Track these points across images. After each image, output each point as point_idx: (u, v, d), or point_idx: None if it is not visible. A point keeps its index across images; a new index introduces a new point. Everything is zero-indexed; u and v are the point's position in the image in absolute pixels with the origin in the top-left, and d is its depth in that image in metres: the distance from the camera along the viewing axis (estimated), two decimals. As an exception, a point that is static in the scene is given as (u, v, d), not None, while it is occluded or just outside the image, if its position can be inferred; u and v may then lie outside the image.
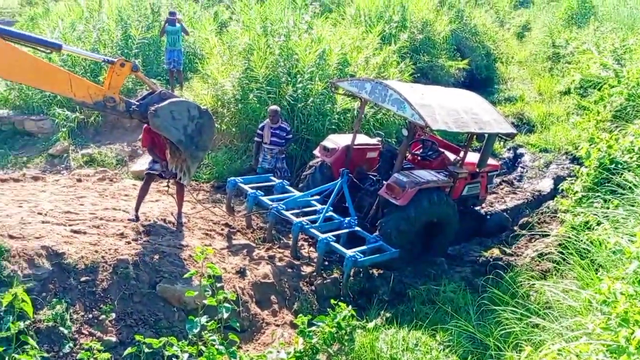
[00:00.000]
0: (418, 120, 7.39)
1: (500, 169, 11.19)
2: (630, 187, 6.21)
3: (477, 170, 8.91)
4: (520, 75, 22.36)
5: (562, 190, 8.90)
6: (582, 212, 6.99)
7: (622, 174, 6.87)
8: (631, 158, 7.21)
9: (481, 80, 19.49)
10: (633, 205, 5.81)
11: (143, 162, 10.27)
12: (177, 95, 8.32)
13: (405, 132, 8.23)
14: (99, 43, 13.67)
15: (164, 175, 7.65)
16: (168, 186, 8.04)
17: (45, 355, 4.98)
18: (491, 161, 9.72)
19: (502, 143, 14.89)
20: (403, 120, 9.80)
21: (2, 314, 4.93)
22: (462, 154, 8.87)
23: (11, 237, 6.10)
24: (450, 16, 17.77)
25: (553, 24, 25.24)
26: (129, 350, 4.78)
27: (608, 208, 6.25)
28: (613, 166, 7.35)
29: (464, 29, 19.49)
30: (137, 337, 4.70)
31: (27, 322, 4.90)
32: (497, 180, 12.06)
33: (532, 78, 21.30)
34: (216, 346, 4.44)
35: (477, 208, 10.14)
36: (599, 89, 13.25)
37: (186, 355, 4.35)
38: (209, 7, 17.88)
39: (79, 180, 9.26)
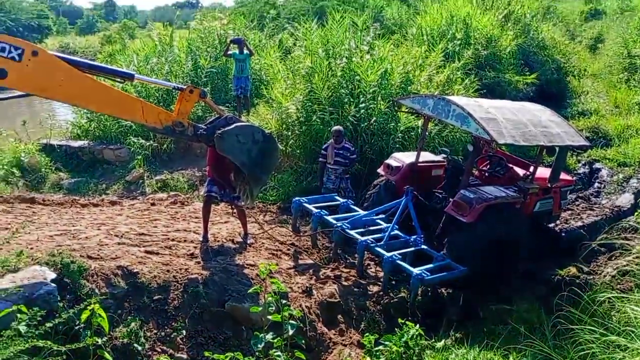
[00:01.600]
0: (483, 135, 7.23)
1: (574, 184, 10.72)
2: None
3: (549, 185, 8.58)
4: (594, 89, 21.47)
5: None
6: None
7: None
8: None
9: (552, 94, 18.84)
10: None
11: (206, 187, 10.62)
12: (242, 119, 8.57)
13: (470, 148, 8.06)
14: (171, 74, 14.36)
15: (221, 199, 7.86)
16: (232, 208, 8.25)
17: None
18: (564, 176, 9.35)
19: (575, 157, 14.34)
20: (468, 135, 9.63)
21: (80, 329, 5.16)
22: (532, 168, 8.57)
23: (90, 257, 6.41)
24: (516, 31, 17.37)
25: (628, 34, 24.20)
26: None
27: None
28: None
29: (531, 43, 18.99)
30: (207, 354, 4.79)
31: (104, 339, 5.10)
32: (571, 196, 11.57)
33: (607, 91, 20.41)
34: (282, 363, 4.47)
35: (551, 225, 9.74)
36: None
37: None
38: (274, 35, 18.42)
39: (153, 204, 9.64)
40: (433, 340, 6.19)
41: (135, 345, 5.64)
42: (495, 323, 6.99)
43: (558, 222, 10.16)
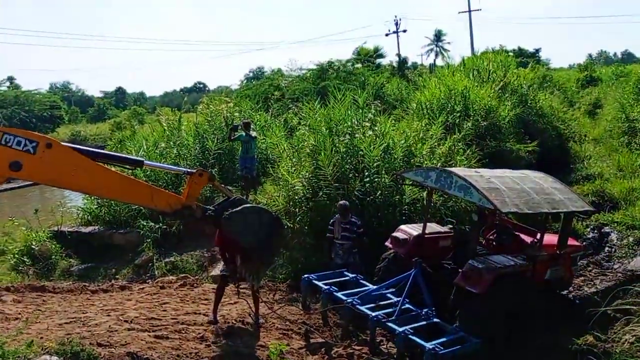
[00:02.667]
0: (487, 205, 7.32)
1: (584, 249, 10.66)
2: None
3: (558, 252, 8.56)
4: (597, 153, 21.70)
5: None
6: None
7: None
8: None
9: (555, 160, 19.03)
10: None
11: (222, 267, 10.64)
12: (249, 201, 8.73)
13: (475, 218, 8.13)
14: (179, 157, 14.73)
15: (233, 279, 7.89)
16: (238, 289, 8.25)
17: None
18: (572, 242, 9.35)
19: (583, 222, 14.32)
20: (474, 205, 9.71)
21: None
22: (538, 236, 8.58)
23: (99, 344, 6.40)
24: (513, 101, 17.82)
25: (624, 99, 24.77)
26: None
27: None
28: None
29: (530, 112, 19.41)
30: None
31: None
32: (583, 261, 11.47)
33: (609, 155, 20.61)
34: None
35: (564, 292, 9.61)
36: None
37: None
38: (279, 115, 18.98)
39: (162, 287, 9.67)
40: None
41: None
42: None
43: (571, 288, 10.02)
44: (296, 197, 11.06)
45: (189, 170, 7.29)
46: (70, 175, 6.19)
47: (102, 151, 7.14)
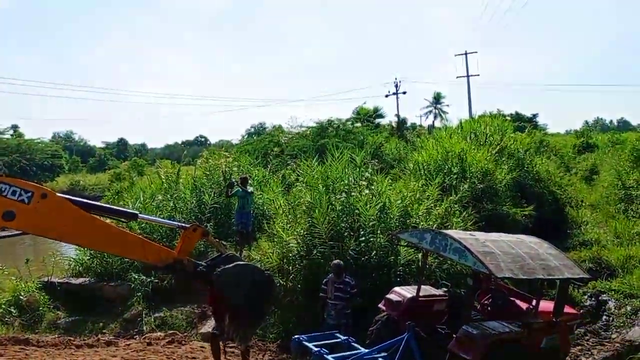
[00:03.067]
0: (482, 269, 7.25)
1: (581, 317, 10.48)
2: None
3: (554, 319, 8.41)
4: (594, 219, 21.72)
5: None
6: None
7: None
8: None
9: (551, 225, 19.01)
10: None
11: (212, 324, 10.41)
12: (242, 258, 8.64)
13: (470, 282, 8.04)
14: (175, 210, 14.71)
15: (222, 338, 7.70)
16: (225, 349, 8.05)
17: None
18: (569, 309, 9.20)
19: (580, 290, 14.16)
20: (469, 268, 9.63)
21: None
22: (534, 302, 8.46)
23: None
24: (510, 165, 17.98)
25: (620, 166, 25.05)
26: None
27: None
28: None
29: (526, 176, 19.56)
30: None
31: None
32: (580, 330, 11.26)
33: (606, 221, 20.65)
34: None
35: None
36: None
37: None
38: (277, 170, 19.10)
39: (149, 344, 9.44)
40: None
41: None
42: None
43: (568, 358, 9.78)
44: (290, 255, 10.97)
45: (183, 224, 7.25)
46: (63, 227, 6.14)
47: (96, 203, 7.13)
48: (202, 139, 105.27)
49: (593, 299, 13.69)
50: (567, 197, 23.46)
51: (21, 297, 12.57)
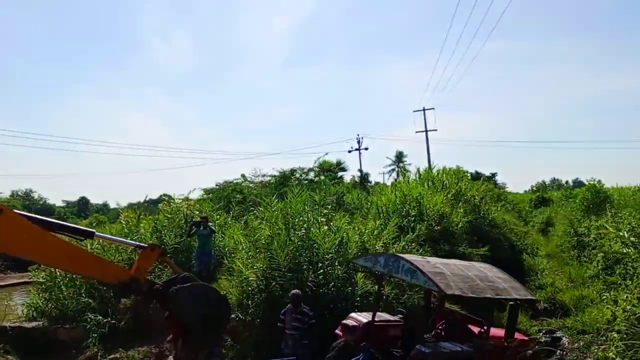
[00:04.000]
0: (432, 287, 7.52)
1: (531, 343, 10.76)
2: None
3: (505, 343, 8.66)
4: (550, 267, 22.44)
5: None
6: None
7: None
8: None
9: (508, 271, 19.47)
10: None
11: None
12: (198, 280, 8.69)
13: (422, 303, 8.28)
14: (135, 252, 14.58)
15: None
16: None
17: None
18: (520, 336, 9.49)
19: (536, 328, 14.55)
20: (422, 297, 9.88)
21: None
22: (486, 327, 8.72)
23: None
24: (465, 209, 18.58)
25: (572, 215, 26.17)
26: None
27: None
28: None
29: (482, 222, 20.19)
30: None
31: None
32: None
33: (561, 268, 21.39)
34: None
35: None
36: (623, 265, 13.31)
37: None
38: (239, 217, 19.22)
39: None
40: None
41: None
42: None
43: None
44: (249, 289, 11.05)
45: (140, 244, 7.36)
46: (18, 243, 6.19)
47: (54, 221, 7.18)
48: (166, 198, 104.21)
49: (548, 335, 14.07)
50: (524, 245, 24.26)
51: (-30, 342, 12.14)
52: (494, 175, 68.96)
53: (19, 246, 6.24)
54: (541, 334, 14.17)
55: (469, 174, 38.79)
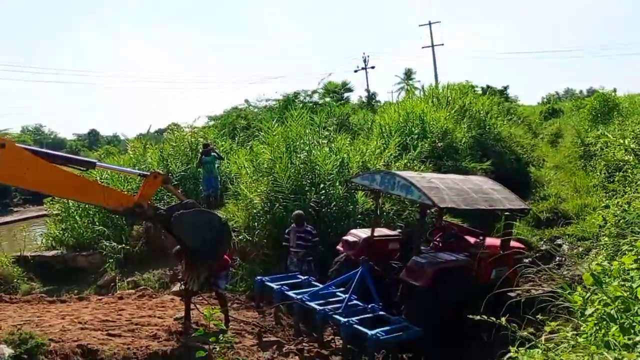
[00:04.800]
0: (426, 201, 7.76)
1: (527, 250, 11.14)
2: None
3: (501, 252, 8.97)
4: (557, 178, 22.59)
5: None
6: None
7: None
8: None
9: (514, 183, 19.65)
10: None
11: (183, 283, 10.79)
12: (201, 207, 8.99)
13: (417, 216, 8.55)
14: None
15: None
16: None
17: None
18: (517, 244, 9.81)
19: (537, 236, 14.95)
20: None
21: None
22: (482, 237, 9.03)
23: (52, 340, 6.54)
24: (469, 124, 18.55)
25: (580, 126, 25.98)
26: None
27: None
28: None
29: (488, 136, 20.20)
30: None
31: None
32: (533, 269, 11.92)
33: (568, 178, 21.52)
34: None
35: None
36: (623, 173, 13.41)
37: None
38: (244, 142, 19.39)
39: (120, 298, 9.79)
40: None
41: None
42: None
43: (519, 291, 10.40)
44: (255, 211, 11.38)
45: (143, 172, 7.60)
46: (23, 174, 6.45)
47: (56, 152, 7.42)
48: (175, 127, 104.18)
49: (548, 243, 14.46)
50: (530, 157, 24.30)
51: (-5, 270, 12.75)
52: (505, 88, 67.84)
53: (23, 178, 6.52)
54: (542, 242, 14.55)
55: (478, 88, 38.25)
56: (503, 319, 4.06)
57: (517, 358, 3.28)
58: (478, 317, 3.73)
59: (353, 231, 9.45)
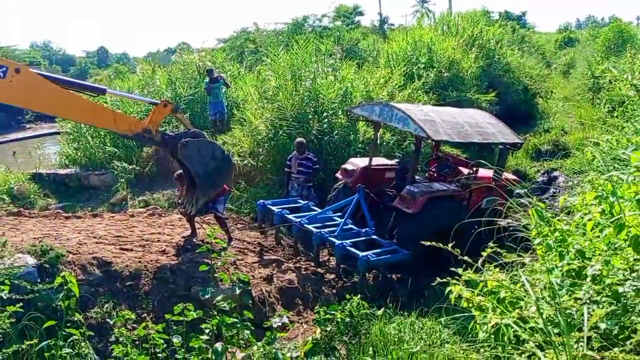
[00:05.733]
0: (421, 134, 8.10)
1: (519, 183, 11.54)
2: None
3: (493, 183, 9.39)
4: (565, 110, 22.63)
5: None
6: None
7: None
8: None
9: (520, 114, 19.78)
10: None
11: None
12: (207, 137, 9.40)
13: (413, 147, 8.93)
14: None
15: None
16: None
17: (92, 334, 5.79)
18: (510, 176, 10.21)
19: (534, 168, 15.35)
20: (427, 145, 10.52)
21: (57, 305, 5.86)
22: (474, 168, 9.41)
23: (69, 252, 7.16)
24: (476, 54, 18.45)
25: (592, 57, 25.63)
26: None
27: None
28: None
29: (497, 66, 20.10)
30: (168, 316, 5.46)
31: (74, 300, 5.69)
32: (527, 200, 12.40)
33: (575, 111, 21.57)
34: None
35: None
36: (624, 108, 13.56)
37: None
38: (252, 66, 19.49)
39: (132, 216, 10.41)
40: (374, 309, 6.88)
41: (108, 320, 6.36)
42: (439, 302, 7.69)
43: (511, 220, 10.92)
44: (259, 137, 11.78)
45: (153, 100, 7.96)
46: (37, 98, 6.85)
47: (67, 79, 7.77)
48: (185, 46, 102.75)
49: (545, 175, 14.87)
50: (539, 89, 24.18)
51: (12, 186, 13.38)
52: (523, 14, 65.92)
53: (38, 102, 6.94)
54: (539, 174, 14.96)
55: (495, 14, 37.19)
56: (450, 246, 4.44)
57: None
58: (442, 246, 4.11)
59: (352, 160, 9.86)
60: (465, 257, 3.91)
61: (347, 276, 8.34)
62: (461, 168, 9.81)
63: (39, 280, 6.13)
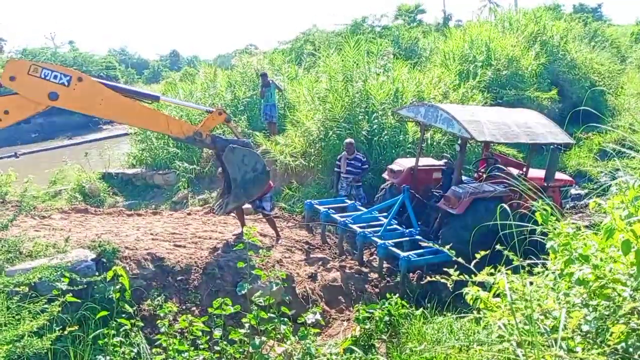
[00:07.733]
0: (465, 134, 8.09)
1: (574, 184, 11.22)
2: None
3: (545, 184, 9.21)
4: (637, 106, 21.56)
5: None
6: None
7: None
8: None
9: (585, 112, 19.00)
10: None
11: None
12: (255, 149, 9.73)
13: (458, 148, 8.90)
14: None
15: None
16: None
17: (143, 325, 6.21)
18: (563, 176, 9.98)
19: (597, 169, 14.74)
20: (477, 145, 10.43)
21: (112, 298, 6.34)
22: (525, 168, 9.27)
23: (127, 248, 7.68)
24: (539, 51, 17.94)
25: (670, 50, 24.23)
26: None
27: None
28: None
29: (560, 63, 19.44)
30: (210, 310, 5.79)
31: (128, 293, 6.13)
32: (586, 201, 12.02)
33: (651, 107, 20.53)
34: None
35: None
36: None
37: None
38: (311, 68, 19.79)
39: (189, 214, 10.94)
40: (413, 308, 6.97)
41: (159, 312, 6.78)
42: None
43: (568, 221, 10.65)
44: (311, 138, 12.06)
45: (209, 108, 8.41)
46: (98, 105, 7.40)
47: (124, 86, 8.34)
48: (252, 47, 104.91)
49: (609, 175, 14.30)
50: (609, 85, 23.11)
51: (84, 185, 14.34)
52: (599, 7, 62.83)
53: (98, 108, 7.50)
54: (602, 174, 14.39)
55: (565, 7, 35.64)
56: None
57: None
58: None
59: (398, 160, 9.94)
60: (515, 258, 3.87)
61: (390, 276, 8.45)
62: (511, 169, 9.68)
63: (96, 274, 6.64)
